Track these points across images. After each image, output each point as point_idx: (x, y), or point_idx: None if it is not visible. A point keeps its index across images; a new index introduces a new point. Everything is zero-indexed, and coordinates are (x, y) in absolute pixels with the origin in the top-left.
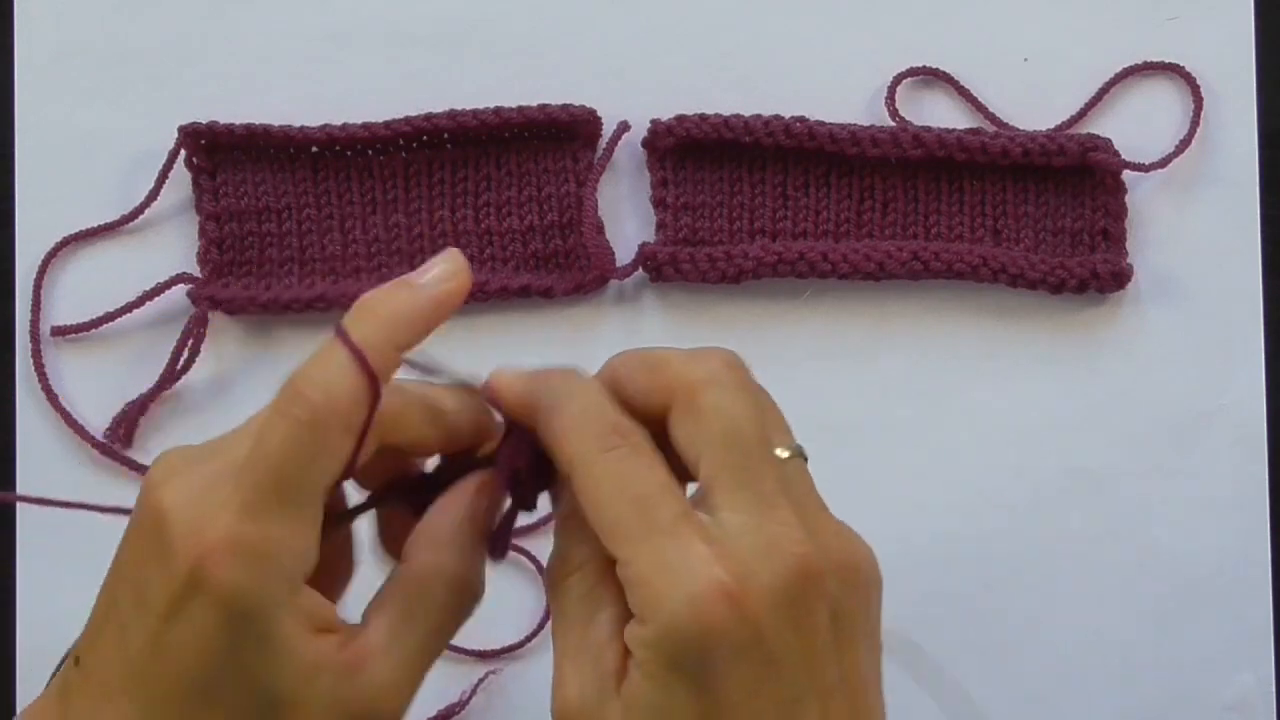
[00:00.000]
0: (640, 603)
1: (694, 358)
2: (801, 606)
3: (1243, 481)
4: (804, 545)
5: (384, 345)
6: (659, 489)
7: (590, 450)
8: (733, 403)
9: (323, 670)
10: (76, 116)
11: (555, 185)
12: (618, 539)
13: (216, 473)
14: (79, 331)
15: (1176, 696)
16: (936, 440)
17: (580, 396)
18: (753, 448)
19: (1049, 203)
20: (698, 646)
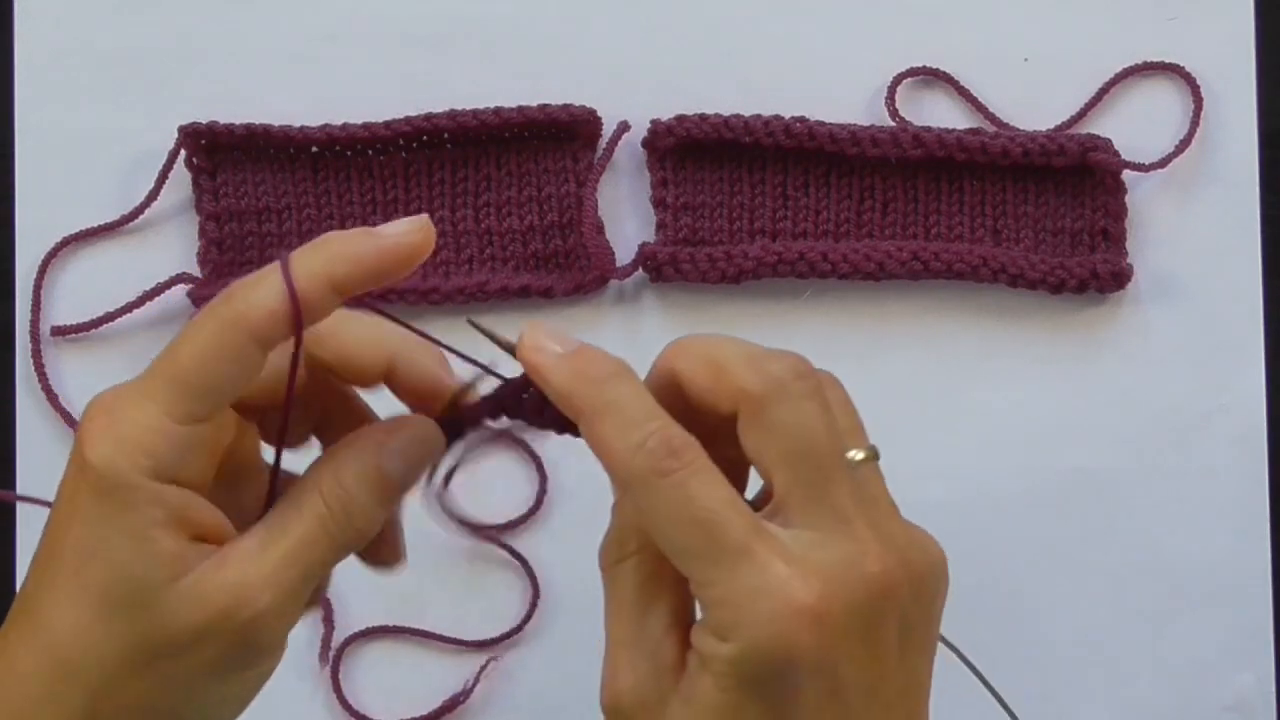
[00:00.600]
0: (720, 622)
1: (757, 364)
2: (874, 624)
3: (1243, 481)
4: (881, 561)
5: (319, 276)
6: (725, 508)
7: (644, 472)
8: (803, 416)
9: (185, 562)
10: (76, 116)
11: (555, 185)
12: (688, 562)
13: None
14: (79, 331)
15: (1176, 696)
16: (936, 440)
17: (627, 406)
18: (825, 461)
19: (1049, 203)
20: (779, 666)
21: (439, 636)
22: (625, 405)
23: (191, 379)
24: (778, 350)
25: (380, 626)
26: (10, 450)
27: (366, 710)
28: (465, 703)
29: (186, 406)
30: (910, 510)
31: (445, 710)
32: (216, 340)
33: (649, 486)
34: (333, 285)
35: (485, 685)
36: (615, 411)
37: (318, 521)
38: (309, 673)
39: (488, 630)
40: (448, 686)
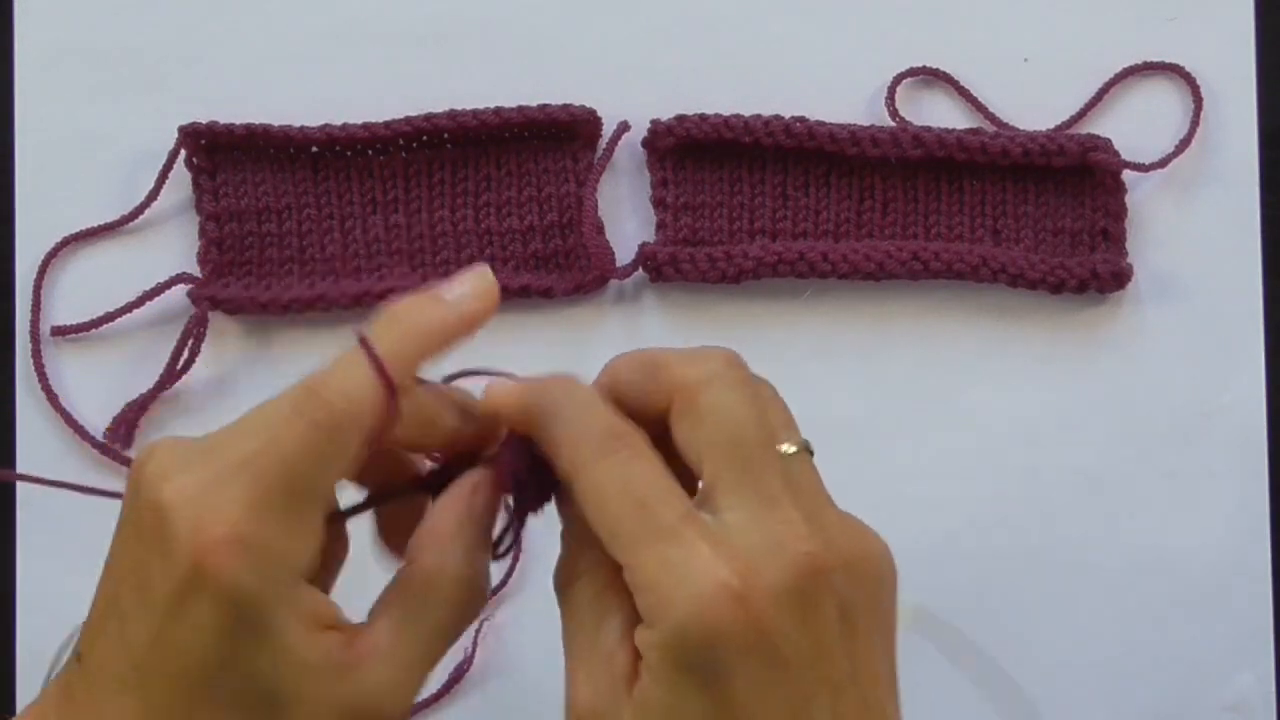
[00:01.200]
0: (647, 606)
1: (692, 358)
2: (808, 604)
3: (1243, 481)
4: (808, 542)
5: (406, 357)
6: (660, 491)
7: (589, 455)
8: (732, 401)
9: (324, 668)
10: (76, 116)
11: (555, 185)
12: (620, 543)
13: (222, 468)
14: (79, 331)
15: (1176, 696)
16: (936, 440)
17: (576, 402)
18: (754, 446)
19: (1049, 203)
20: (705, 648)
21: None
22: (572, 402)
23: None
24: (712, 347)
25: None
26: (10, 450)
27: None
28: (469, 670)
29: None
30: (910, 510)
31: (453, 682)
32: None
33: (591, 465)
34: (417, 362)
35: (484, 647)
36: (562, 409)
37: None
38: None
39: None
40: (446, 659)
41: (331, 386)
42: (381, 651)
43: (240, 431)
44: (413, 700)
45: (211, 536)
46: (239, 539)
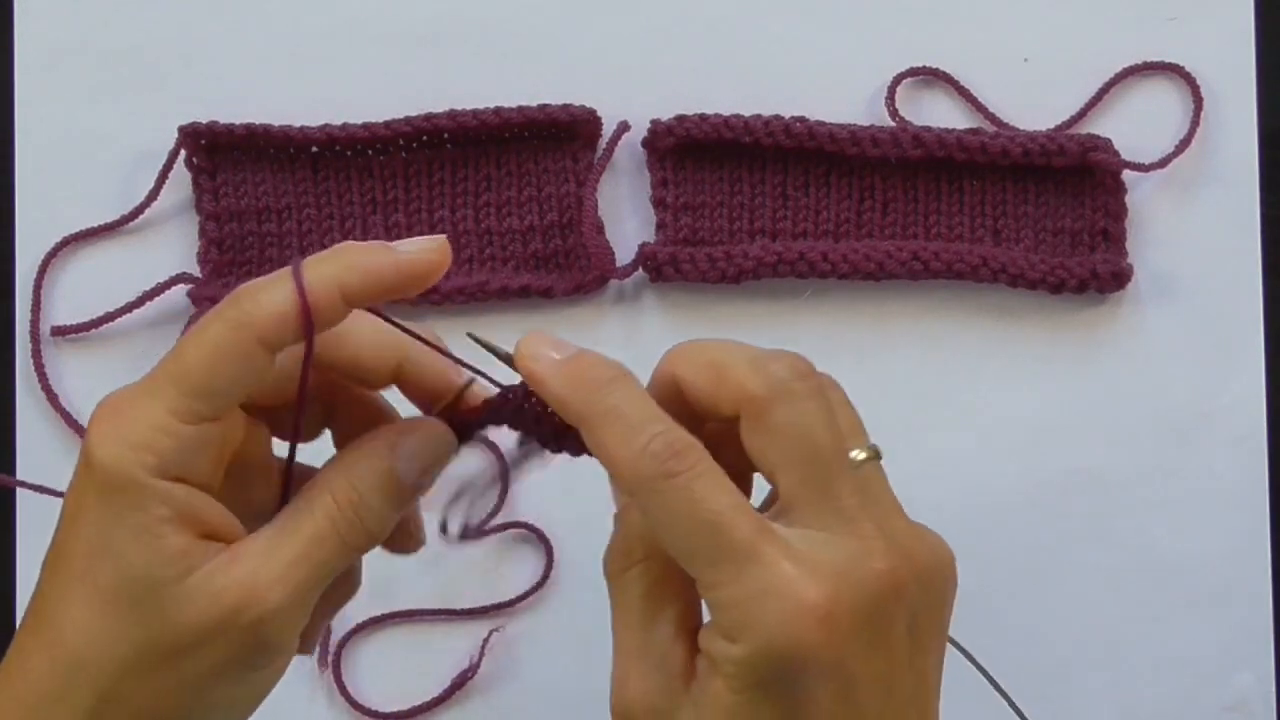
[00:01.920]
0: (729, 625)
1: (759, 366)
2: (885, 622)
3: (1243, 481)
4: (887, 559)
5: (331, 283)
6: (729, 508)
7: (650, 477)
8: (805, 417)
9: (193, 560)
10: (76, 116)
11: (555, 185)
12: (695, 564)
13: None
14: (79, 331)
15: (1176, 696)
16: (936, 440)
17: (630, 410)
18: (829, 462)
19: (1049, 203)
20: (788, 668)
21: (439, 612)
22: (627, 409)
23: (197, 380)
24: (778, 351)
25: (376, 617)
26: (10, 450)
27: (374, 704)
28: (474, 678)
29: (192, 406)
30: (911, 510)
31: (455, 687)
32: (223, 342)
33: (655, 490)
34: (343, 294)
35: (491, 657)
36: (617, 416)
37: (329, 522)
38: (312, 674)
39: (483, 602)
40: (455, 658)
41: (249, 294)
42: (253, 550)
43: None
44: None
45: (104, 420)
46: (114, 410)
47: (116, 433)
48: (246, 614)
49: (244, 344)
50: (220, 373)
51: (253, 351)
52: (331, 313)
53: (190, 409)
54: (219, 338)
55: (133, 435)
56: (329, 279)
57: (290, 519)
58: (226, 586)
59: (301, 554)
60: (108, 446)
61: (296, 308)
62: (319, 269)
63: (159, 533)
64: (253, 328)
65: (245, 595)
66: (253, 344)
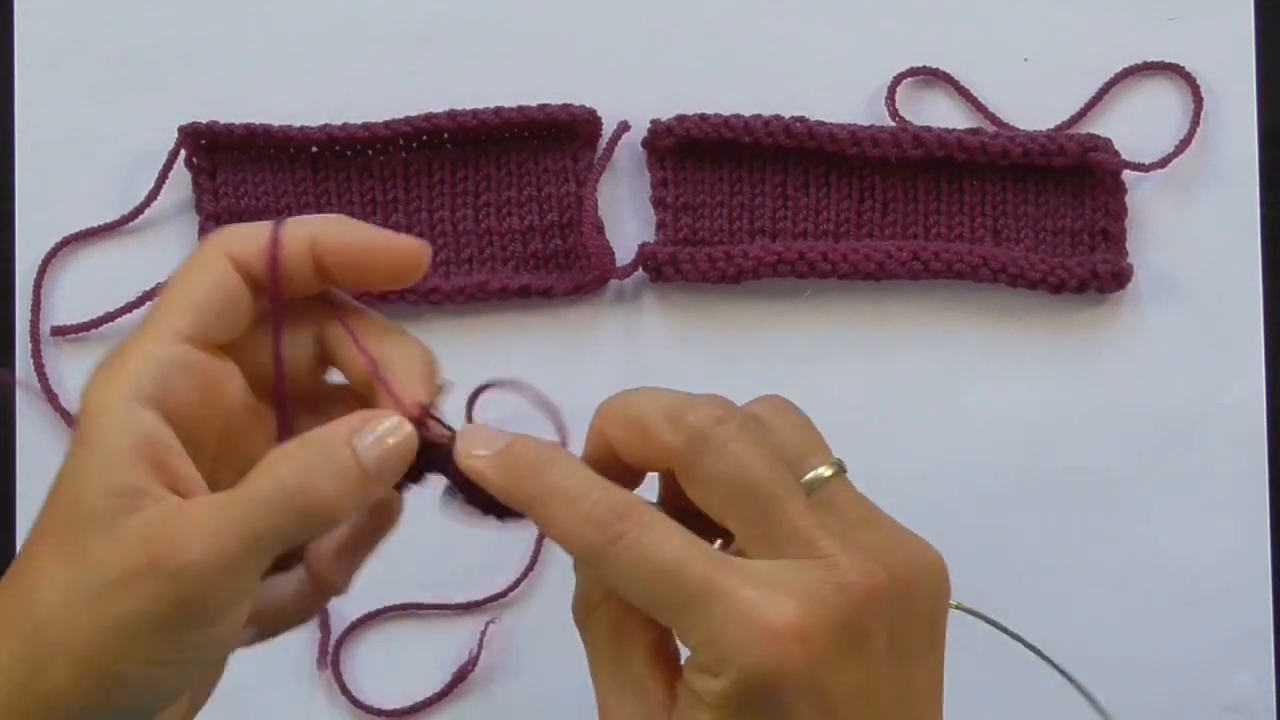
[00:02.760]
0: (708, 662)
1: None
2: (860, 635)
3: (1243, 481)
4: (854, 570)
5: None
6: (679, 554)
7: (598, 544)
8: (729, 461)
9: (133, 499)
10: (76, 116)
11: (555, 185)
12: (663, 612)
13: None
14: (79, 331)
15: (1176, 696)
16: (936, 440)
17: (563, 488)
18: (770, 495)
19: (1049, 203)
20: (771, 690)
21: (435, 606)
22: (564, 484)
23: (172, 298)
24: (696, 398)
25: (374, 612)
26: (10, 450)
27: (375, 701)
28: (473, 671)
29: (172, 325)
30: (911, 510)
31: (455, 682)
32: (197, 261)
33: (605, 555)
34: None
35: (489, 650)
36: (556, 493)
37: (273, 491)
38: (311, 673)
39: (473, 594)
40: (453, 651)
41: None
42: (194, 503)
43: None
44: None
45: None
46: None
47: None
48: (164, 564)
49: (216, 260)
50: (194, 286)
51: (224, 269)
52: (300, 263)
53: (169, 327)
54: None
55: (114, 362)
56: (303, 228)
57: (242, 484)
58: (154, 534)
59: (239, 517)
60: (93, 376)
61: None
62: (297, 221)
63: (114, 463)
64: (222, 247)
65: (168, 545)
66: (223, 261)
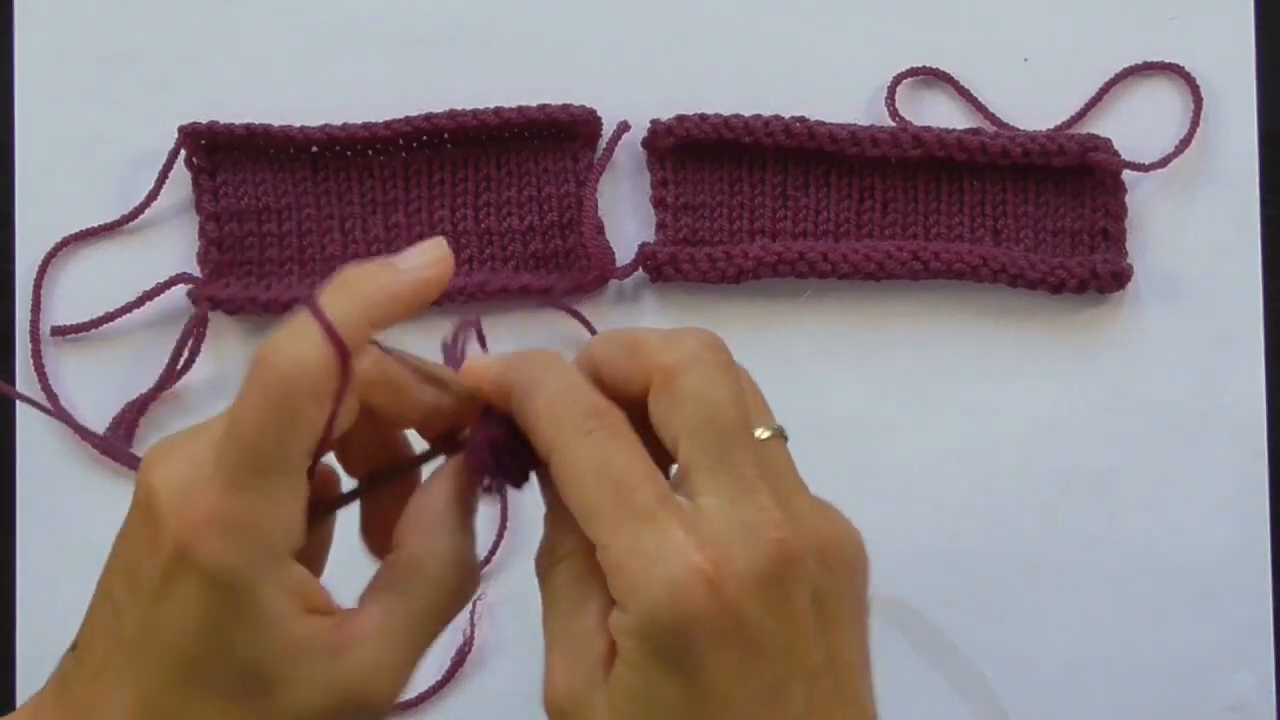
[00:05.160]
0: (620, 589)
1: (671, 339)
2: (781, 590)
3: (1243, 481)
4: (782, 529)
5: (357, 320)
6: (637, 472)
7: (567, 433)
8: (710, 385)
9: (312, 648)
10: (76, 116)
11: (555, 185)
12: (595, 524)
13: (200, 450)
14: (79, 331)
15: (1176, 696)
16: (937, 440)
17: (556, 379)
18: (731, 430)
19: (1049, 203)
20: (678, 633)
21: None
22: (551, 378)
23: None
24: (692, 328)
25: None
26: (10, 450)
27: None
28: (470, 652)
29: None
30: (911, 509)
31: (456, 667)
32: (280, 412)
33: (569, 444)
34: (370, 329)
35: (481, 628)
36: (545, 382)
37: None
38: None
39: None
40: (443, 643)
41: (281, 353)
42: (371, 633)
43: (223, 414)
44: (405, 683)
45: (191, 516)
46: (218, 516)
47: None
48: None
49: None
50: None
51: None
52: (361, 351)
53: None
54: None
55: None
56: (354, 317)
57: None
58: (345, 677)
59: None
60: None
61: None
62: (339, 307)
63: (277, 623)
64: (302, 389)
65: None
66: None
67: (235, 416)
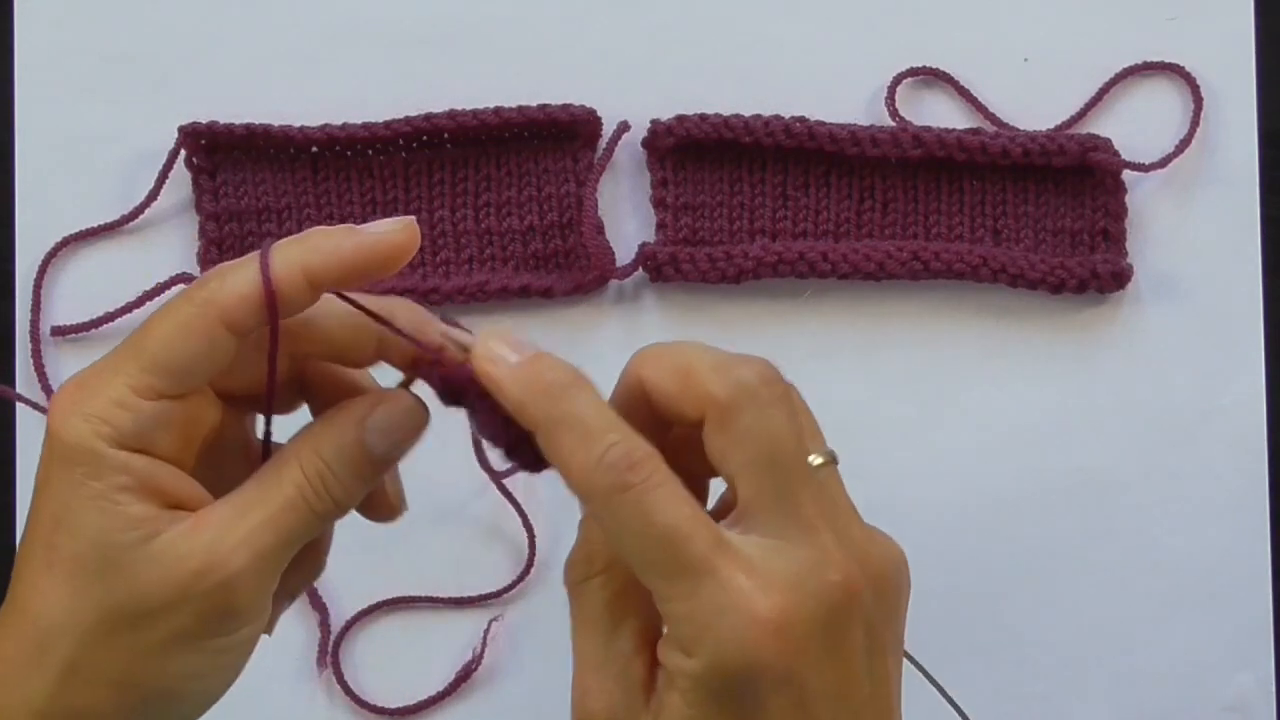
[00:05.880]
0: (684, 637)
1: (726, 369)
2: (841, 632)
3: (1243, 481)
4: (844, 569)
5: (296, 266)
6: (685, 521)
7: (605, 488)
8: (769, 422)
9: (153, 524)
10: (76, 116)
11: (555, 185)
12: (651, 577)
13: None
14: (79, 331)
15: (1176, 696)
16: (936, 440)
17: (587, 417)
18: (791, 468)
19: (1049, 203)
20: (745, 680)
21: (438, 600)
22: (584, 416)
23: (159, 357)
24: (746, 356)
25: (371, 606)
26: (10, 450)
27: (376, 700)
28: (477, 669)
29: (152, 383)
30: (911, 510)
31: (460, 681)
32: (187, 321)
33: (610, 502)
34: (308, 277)
35: (493, 646)
36: (574, 423)
37: (295, 490)
38: (311, 672)
39: (469, 590)
40: (450, 656)
41: (219, 276)
42: (215, 519)
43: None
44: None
45: (60, 394)
46: (78, 385)
47: (75, 406)
48: (210, 578)
49: (208, 325)
50: (182, 351)
51: (216, 333)
52: (296, 295)
53: (150, 385)
54: (184, 317)
55: (90, 407)
56: (294, 262)
57: (256, 487)
58: (191, 551)
59: (267, 519)
60: (67, 418)
61: (260, 290)
62: (285, 252)
63: (117, 499)
64: (217, 308)
65: (209, 559)
66: (216, 325)
67: (152, 316)
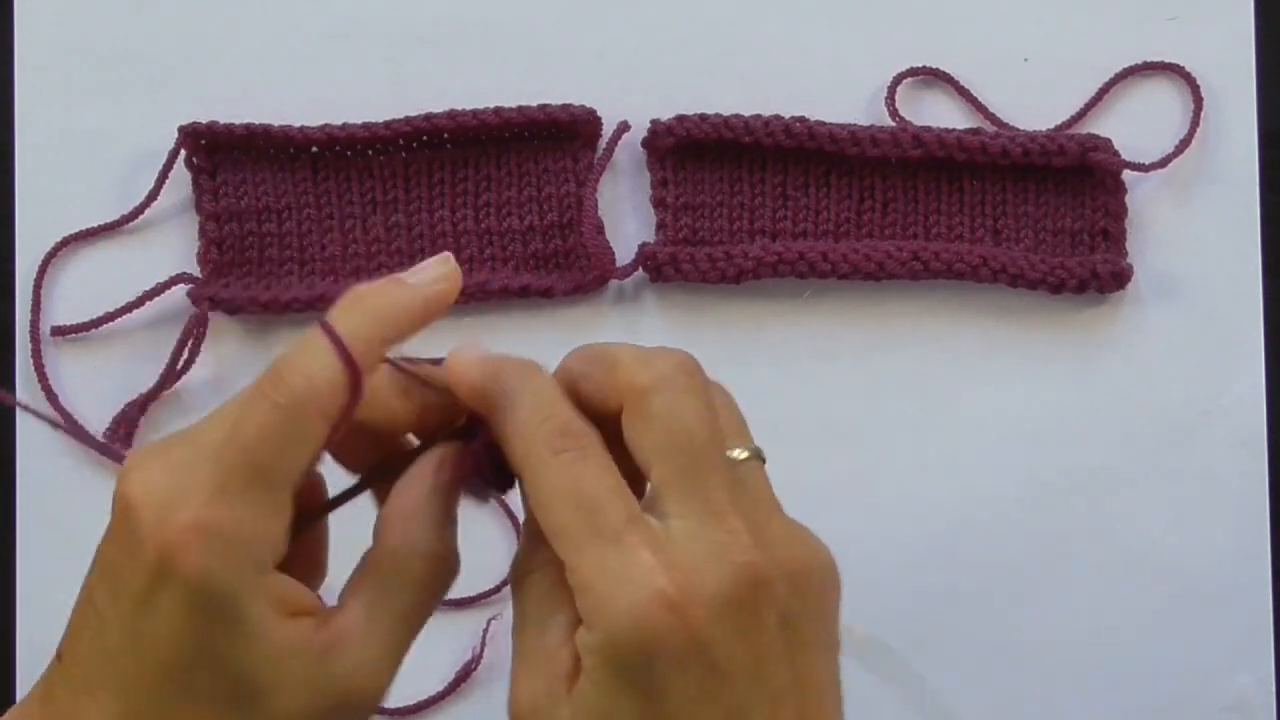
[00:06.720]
0: (586, 609)
1: (645, 359)
2: (747, 614)
3: (1243, 481)
4: (750, 553)
5: (368, 338)
6: (607, 493)
7: (539, 452)
8: (683, 407)
9: (297, 653)
10: (76, 116)
11: (555, 185)
12: (564, 543)
13: (187, 457)
14: (79, 331)
15: (1176, 696)
16: (936, 440)
17: (532, 394)
18: (702, 453)
19: (1049, 203)
20: (640, 655)
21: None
22: (531, 393)
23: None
24: (669, 349)
25: None
26: (10, 450)
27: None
28: (476, 669)
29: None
30: (911, 510)
31: (460, 680)
32: (287, 427)
33: (541, 463)
34: (382, 346)
35: (492, 646)
36: (520, 396)
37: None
38: None
39: (481, 587)
40: (447, 655)
41: (294, 368)
42: (355, 633)
43: (209, 421)
44: (391, 677)
45: (175, 525)
46: (202, 526)
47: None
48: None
49: (308, 425)
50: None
51: (318, 430)
52: (373, 368)
53: (273, 500)
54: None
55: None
56: (366, 336)
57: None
58: (332, 677)
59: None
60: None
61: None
62: (351, 325)
63: (262, 632)
64: (316, 407)
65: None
66: (318, 422)
67: (239, 426)
